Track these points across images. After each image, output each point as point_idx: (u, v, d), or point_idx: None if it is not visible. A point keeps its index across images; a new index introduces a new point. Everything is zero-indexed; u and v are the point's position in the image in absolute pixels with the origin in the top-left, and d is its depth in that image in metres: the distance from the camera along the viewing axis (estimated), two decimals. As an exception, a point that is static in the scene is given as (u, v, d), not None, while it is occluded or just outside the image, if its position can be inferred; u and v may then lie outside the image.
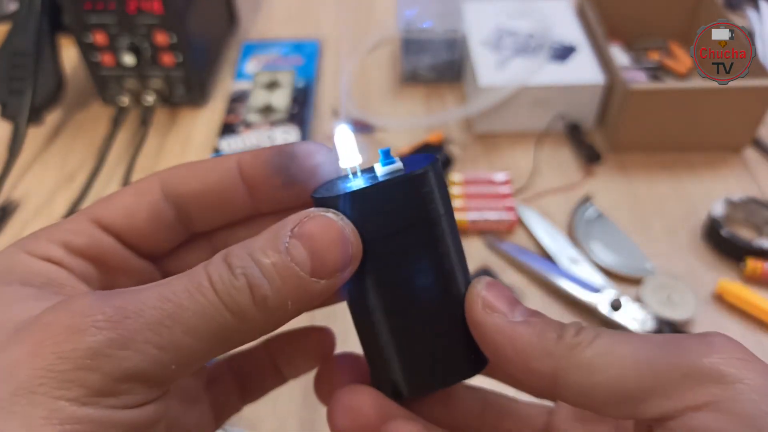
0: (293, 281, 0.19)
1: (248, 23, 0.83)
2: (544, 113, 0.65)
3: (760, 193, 0.60)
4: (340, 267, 0.19)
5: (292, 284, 0.19)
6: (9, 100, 0.61)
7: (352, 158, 0.22)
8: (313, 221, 0.19)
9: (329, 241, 0.19)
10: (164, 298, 0.18)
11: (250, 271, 0.18)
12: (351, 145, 0.21)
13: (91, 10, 0.62)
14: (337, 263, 0.19)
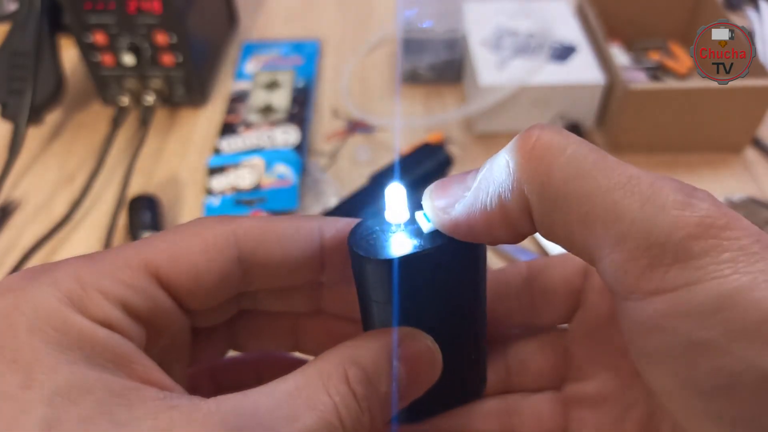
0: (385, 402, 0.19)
1: (248, 23, 0.83)
2: (544, 113, 0.65)
3: (760, 193, 0.60)
4: (426, 388, 0.21)
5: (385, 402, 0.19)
6: (9, 100, 0.61)
7: (399, 215, 0.22)
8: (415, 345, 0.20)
9: (427, 367, 0.20)
10: (279, 403, 0.17)
11: (373, 404, 0.19)
12: (401, 202, 0.22)
13: (91, 10, 0.62)
14: (427, 386, 0.21)
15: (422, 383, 0.20)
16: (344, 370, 0.18)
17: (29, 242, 0.56)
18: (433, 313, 0.21)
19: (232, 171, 0.62)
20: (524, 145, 0.17)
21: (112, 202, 0.60)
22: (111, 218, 0.58)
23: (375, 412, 0.19)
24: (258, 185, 0.61)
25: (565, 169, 0.17)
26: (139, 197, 0.59)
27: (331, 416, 0.17)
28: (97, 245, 0.57)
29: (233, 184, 0.61)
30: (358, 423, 0.18)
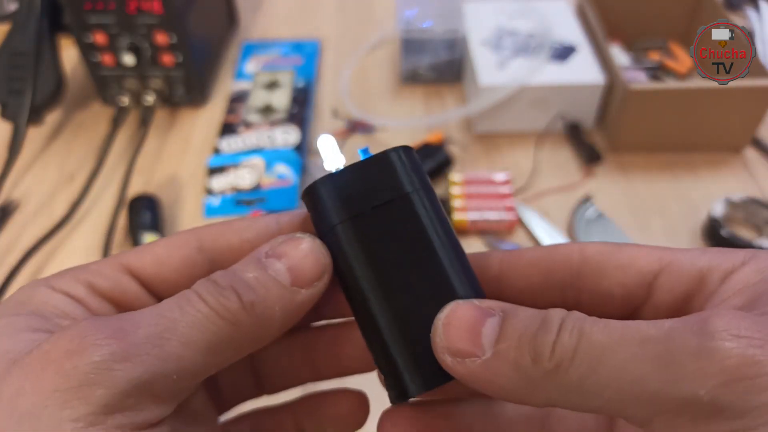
0: (276, 290, 0.20)
1: (248, 23, 0.83)
2: (544, 113, 0.65)
3: (760, 193, 0.60)
4: (316, 276, 0.21)
5: (276, 292, 0.20)
6: (9, 100, 0.61)
7: (335, 160, 0.23)
8: (284, 242, 0.21)
9: (301, 256, 0.21)
10: (159, 315, 0.19)
11: (236, 284, 0.20)
12: (333, 149, 0.23)
13: (91, 10, 0.62)
14: (313, 273, 0.21)
15: (305, 266, 0.21)
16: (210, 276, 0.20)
17: (29, 242, 0.56)
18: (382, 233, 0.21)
19: (232, 171, 0.62)
20: (542, 357, 0.17)
21: (112, 202, 0.60)
22: (111, 218, 0.58)
23: (241, 289, 0.20)
24: (258, 185, 0.61)
25: (579, 368, 0.17)
26: (139, 197, 0.59)
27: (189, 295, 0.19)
28: (97, 245, 0.57)
29: (233, 184, 0.61)
30: (219, 295, 0.19)
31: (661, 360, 0.16)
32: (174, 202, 0.61)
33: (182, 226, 0.59)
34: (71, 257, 0.57)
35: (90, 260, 0.58)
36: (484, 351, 0.18)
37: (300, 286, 0.21)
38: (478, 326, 0.19)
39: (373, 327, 0.21)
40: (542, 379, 0.17)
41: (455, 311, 0.20)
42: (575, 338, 0.17)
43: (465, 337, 0.19)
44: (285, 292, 0.20)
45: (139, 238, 0.55)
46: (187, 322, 0.19)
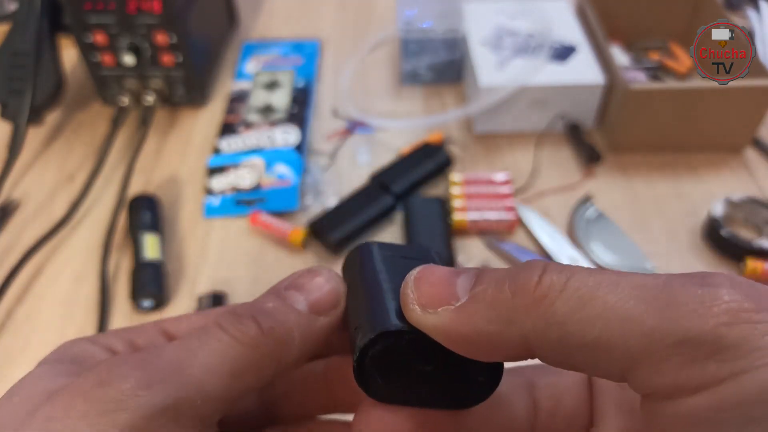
0: (295, 316, 0.21)
1: (248, 23, 0.83)
2: (544, 113, 0.65)
3: (760, 193, 0.60)
4: (332, 304, 0.22)
5: (295, 319, 0.21)
6: (9, 100, 0.61)
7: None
8: (302, 275, 0.23)
9: (318, 286, 0.22)
10: (180, 346, 0.20)
11: (255, 313, 0.21)
12: None
13: (91, 10, 0.62)
14: (330, 301, 0.22)
15: (322, 295, 0.22)
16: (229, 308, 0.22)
17: (29, 242, 0.56)
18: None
19: (232, 171, 0.62)
20: (524, 288, 0.17)
21: (112, 202, 0.60)
22: (111, 218, 0.58)
23: (261, 317, 0.20)
24: (258, 185, 0.61)
25: (567, 302, 0.16)
26: (139, 197, 0.59)
27: (209, 326, 0.20)
28: (97, 245, 0.57)
29: (233, 184, 0.61)
30: (238, 323, 0.20)
31: (659, 300, 0.15)
32: (174, 202, 0.61)
33: (182, 226, 0.59)
34: (71, 257, 0.57)
35: (89, 260, 0.58)
36: (459, 298, 0.18)
37: (317, 313, 0.22)
38: (452, 278, 0.18)
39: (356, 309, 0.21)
40: (522, 311, 0.16)
41: (428, 268, 0.19)
42: (564, 276, 0.16)
43: (438, 288, 0.18)
44: (303, 319, 0.21)
45: (139, 238, 0.55)
46: (207, 350, 0.20)
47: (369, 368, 0.19)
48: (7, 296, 0.53)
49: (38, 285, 0.55)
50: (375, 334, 0.18)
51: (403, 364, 0.19)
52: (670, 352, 0.15)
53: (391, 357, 0.19)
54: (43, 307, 0.53)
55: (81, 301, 0.53)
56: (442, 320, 0.18)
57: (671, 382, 0.15)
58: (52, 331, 0.51)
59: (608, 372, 0.16)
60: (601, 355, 0.16)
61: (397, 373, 0.19)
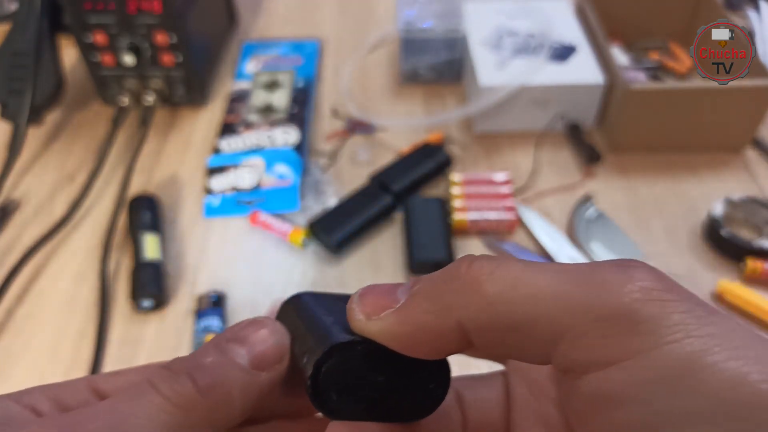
0: (235, 372, 0.20)
1: (248, 23, 0.83)
2: (544, 113, 0.65)
3: (760, 193, 0.60)
4: (276, 359, 0.21)
5: (235, 375, 0.20)
6: (9, 100, 0.61)
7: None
8: (245, 327, 0.21)
9: (261, 339, 0.21)
10: (110, 409, 0.18)
11: (192, 369, 0.19)
12: None
13: (91, 10, 0.62)
14: (273, 355, 0.21)
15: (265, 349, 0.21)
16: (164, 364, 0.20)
17: (29, 242, 0.56)
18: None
19: (232, 171, 0.62)
20: (456, 274, 0.18)
21: (112, 202, 0.60)
22: (111, 218, 0.58)
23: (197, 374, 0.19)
24: (258, 185, 0.61)
25: (496, 284, 0.17)
26: (139, 197, 0.59)
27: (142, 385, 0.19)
28: (97, 245, 0.57)
29: (233, 184, 0.61)
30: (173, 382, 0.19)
31: (581, 281, 0.16)
32: (174, 202, 0.61)
33: (182, 226, 0.59)
34: (71, 257, 0.57)
35: (89, 260, 0.58)
36: (399, 300, 0.18)
37: (260, 368, 0.20)
38: (394, 288, 0.19)
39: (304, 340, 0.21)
40: (455, 296, 0.17)
41: (371, 285, 0.20)
42: (494, 263, 0.17)
43: (381, 297, 0.19)
44: (244, 375, 0.20)
45: (139, 238, 0.55)
46: (138, 414, 0.18)
47: (324, 385, 0.19)
48: (7, 296, 0.53)
49: (38, 285, 0.55)
50: (328, 347, 0.19)
51: (356, 377, 0.19)
52: (589, 327, 0.16)
53: (344, 371, 0.19)
54: (43, 307, 0.53)
55: (81, 301, 0.53)
56: (386, 323, 0.18)
57: (588, 356, 0.16)
58: (52, 331, 0.51)
59: (535, 352, 0.17)
60: (528, 334, 0.16)
61: (351, 387, 0.19)
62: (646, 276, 0.16)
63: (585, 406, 0.16)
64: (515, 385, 0.23)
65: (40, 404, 0.20)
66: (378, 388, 0.19)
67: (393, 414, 0.20)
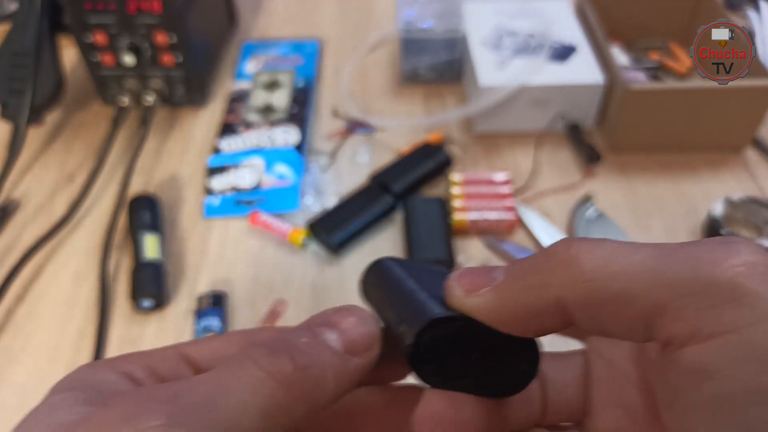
0: (329, 355, 0.20)
1: (248, 23, 0.83)
2: (544, 113, 0.65)
3: (760, 193, 0.60)
4: (367, 345, 0.21)
5: (328, 358, 0.20)
6: (9, 100, 0.61)
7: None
8: (335, 312, 0.22)
9: (352, 326, 0.21)
10: (213, 380, 0.19)
11: (289, 348, 0.20)
12: None
13: (91, 10, 0.62)
14: (364, 342, 0.21)
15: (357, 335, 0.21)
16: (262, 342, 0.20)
17: (29, 242, 0.56)
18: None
19: (232, 171, 0.62)
20: (553, 253, 0.18)
21: (112, 202, 0.60)
22: (111, 218, 0.58)
23: (294, 352, 0.19)
24: (258, 185, 0.61)
25: (594, 260, 0.17)
26: (139, 197, 0.59)
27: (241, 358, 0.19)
28: (97, 245, 0.57)
29: (233, 184, 0.61)
30: (272, 358, 0.19)
31: (680, 255, 0.16)
32: (174, 202, 0.61)
33: (182, 226, 0.59)
34: (71, 257, 0.57)
35: (89, 260, 0.58)
36: (496, 280, 0.19)
37: (351, 354, 0.21)
38: (490, 269, 0.20)
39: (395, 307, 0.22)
40: (555, 272, 0.18)
41: (467, 268, 0.21)
42: (591, 243, 0.17)
43: (478, 276, 0.20)
44: (337, 359, 0.20)
45: (139, 238, 0.55)
46: (240, 386, 0.18)
47: (423, 354, 0.20)
48: (8, 296, 0.53)
49: (38, 285, 0.55)
50: (429, 319, 0.19)
51: (452, 351, 0.20)
52: (691, 300, 0.16)
53: (442, 343, 0.20)
54: (43, 307, 0.53)
55: (81, 301, 0.53)
56: (484, 299, 0.19)
57: (690, 328, 0.16)
58: (52, 331, 0.51)
59: (633, 326, 0.17)
60: (626, 307, 0.17)
61: (447, 360, 0.20)
62: (751, 251, 0.16)
63: (680, 380, 0.16)
64: (595, 365, 0.23)
65: (136, 372, 0.21)
66: (472, 363, 0.20)
67: (484, 389, 0.20)
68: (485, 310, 0.19)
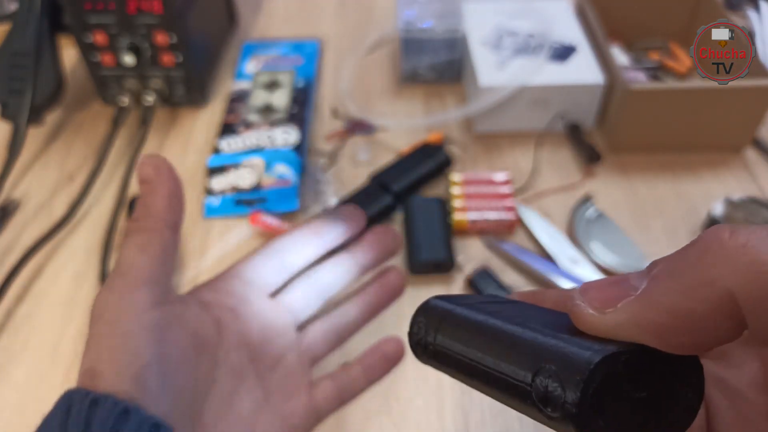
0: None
1: (248, 23, 0.83)
2: (544, 113, 0.65)
3: (760, 193, 0.60)
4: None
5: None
6: (9, 100, 0.61)
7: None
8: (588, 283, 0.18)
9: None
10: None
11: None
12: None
13: (91, 10, 0.62)
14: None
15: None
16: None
17: (29, 242, 0.56)
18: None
19: (232, 171, 0.62)
20: (713, 244, 0.15)
21: (112, 202, 0.60)
22: (111, 218, 0.58)
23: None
24: (258, 185, 0.61)
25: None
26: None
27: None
28: (97, 245, 0.57)
29: (233, 184, 0.61)
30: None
31: None
32: (174, 202, 0.61)
33: (182, 226, 0.59)
34: (71, 257, 0.57)
35: (89, 260, 0.58)
36: (637, 287, 0.16)
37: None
38: (620, 278, 0.17)
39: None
40: (722, 263, 0.14)
41: (588, 282, 0.17)
42: (760, 229, 0.15)
43: (609, 289, 0.16)
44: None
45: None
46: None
47: (591, 408, 0.15)
48: (7, 296, 0.53)
49: (38, 285, 0.55)
50: (594, 363, 0.15)
51: (618, 397, 0.16)
52: None
53: (609, 391, 0.16)
54: (43, 307, 0.53)
55: (81, 301, 0.53)
56: (628, 312, 0.16)
57: None
58: (52, 331, 0.51)
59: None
60: None
61: (617, 408, 0.16)
62: None
63: None
64: (715, 395, 0.20)
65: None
66: (638, 407, 0.16)
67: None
68: (633, 326, 0.16)
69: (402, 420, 0.46)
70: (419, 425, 0.46)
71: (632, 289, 0.16)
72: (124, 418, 0.23)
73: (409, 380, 0.48)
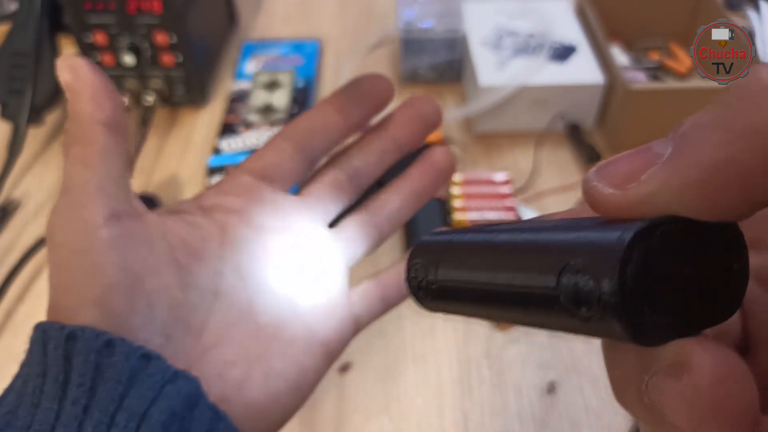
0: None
1: (248, 23, 0.83)
2: (544, 113, 0.65)
3: (760, 193, 0.60)
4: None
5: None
6: (9, 100, 0.61)
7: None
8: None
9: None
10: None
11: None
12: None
13: (91, 10, 0.62)
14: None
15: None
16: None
17: (29, 242, 0.56)
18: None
19: (232, 171, 0.62)
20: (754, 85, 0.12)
21: (112, 202, 0.60)
22: (111, 218, 0.58)
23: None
24: (258, 185, 0.61)
25: None
26: (139, 197, 0.58)
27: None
28: (97, 245, 0.57)
29: (233, 184, 0.61)
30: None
31: None
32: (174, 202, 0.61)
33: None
34: (71, 257, 0.57)
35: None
36: (662, 153, 0.13)
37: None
38: (642, 149, 0.14)
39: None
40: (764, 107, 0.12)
41: (604, 161, 0.15)
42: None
43: (630, 162, 0.14)
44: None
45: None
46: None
47: (632, 296, 0.13)
48: (7, 296, 0.53)
49: (38, 285, 0.55)
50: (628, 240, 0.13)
51: (661, 276, 0.13)
52: None
53: (649, 270, 0.13)
54: (43, 307, 0.53)
55: (81, 301, 0.53)
56: (657, 179, 0.13)
57: None
58: (52, 331, 0.51)
59: None
60: None
61: (659, 293, 0.13)
62: None
63: None
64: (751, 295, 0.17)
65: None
66: (683, 286, 0.14)
67: (704, 319, 0.14)
68: (668, 193, 0.13)
69: (402, 420, 0.46)
70: (419, 425, 0.46)
71: (657, 156, 0.13)
72: (108, 351, 0.21)
73: (409, 380, 0.48)
